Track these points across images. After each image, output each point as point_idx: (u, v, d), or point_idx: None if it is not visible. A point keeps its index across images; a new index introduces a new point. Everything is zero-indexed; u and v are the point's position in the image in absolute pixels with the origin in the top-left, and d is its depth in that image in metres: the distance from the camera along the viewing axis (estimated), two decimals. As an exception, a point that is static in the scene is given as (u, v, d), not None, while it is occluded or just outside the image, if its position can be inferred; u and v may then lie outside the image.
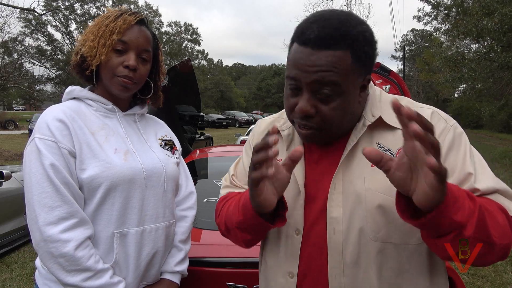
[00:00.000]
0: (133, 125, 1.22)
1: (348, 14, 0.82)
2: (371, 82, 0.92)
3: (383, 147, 0.85)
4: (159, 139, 1.28)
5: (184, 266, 1.26)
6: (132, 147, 1.15)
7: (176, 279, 1.24)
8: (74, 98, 1.17)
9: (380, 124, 0.87)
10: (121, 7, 1.34)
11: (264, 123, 1.10)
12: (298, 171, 0.91)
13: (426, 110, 0.88)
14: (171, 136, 1.35)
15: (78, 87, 1.18)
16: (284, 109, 1.05)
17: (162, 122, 1.40)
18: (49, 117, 1.06)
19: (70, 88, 1.18)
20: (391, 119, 0.86)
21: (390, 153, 0.84)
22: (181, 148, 1.37)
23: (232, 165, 1.14)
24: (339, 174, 0.86)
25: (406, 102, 0.93)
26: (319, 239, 0.86)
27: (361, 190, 0.83)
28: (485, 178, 0.81)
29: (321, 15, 0.81)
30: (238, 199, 0.93)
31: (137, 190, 1.11)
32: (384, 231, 0.81)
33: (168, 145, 1.29)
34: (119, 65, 1.11)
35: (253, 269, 1.36)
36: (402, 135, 0.78)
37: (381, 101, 0.90)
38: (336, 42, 0.77)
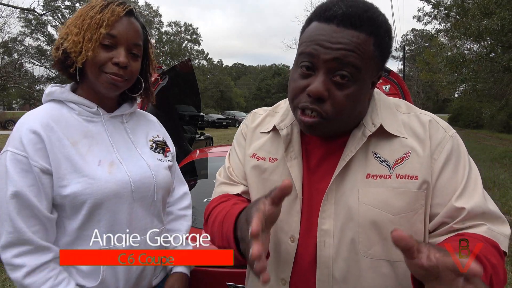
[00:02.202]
0: (120, 128, 1.12)
1: (372, 3, 0.79)
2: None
3: (380, 157, 0.80)
4: (150, 140, 1.19)
5: None
6: (118, 156, 1.06)
7: (187, 270, 1.25)
8: (54, 100, 1.06)
9: (379, 132, 0.82)
10: None
11: (258, 117, 1.02)
12: (296, 176, 0.86)
13: (424, 117, 0.84)
14: (164, 135, 1.26)
15: (59, 89, 1.06)
16: (277, 103, 1.03)
17: (154, 119, 1.29)
18: (24, 128, 0.96)
19: (49, 89, 1.06)
20: (392, 126, 0.82)
21: (386, 164, 0.79)
22: (174, 148, 1.28)
23: (226, 157, 1.08)
24: (333, 185, 0.81)
25: (405, 106, 0.88)
26: (312, 249, 0.83)
27: (354, 203, 0.78)
28: (475, 196, 0.77)
29: None
30: (222, 219, 0.84)
31: (124, 204, 1.03)
32: (377, 248, 0.77)
33: (160, 146, 1.20)
34: (108, 61, 1.01)
35: (252, 269, 1.37)
36: (400, 144, 0.79)
37: (381, 107, 0.85)
38: (362, 24, 0.73)
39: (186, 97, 3.75)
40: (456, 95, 28.38)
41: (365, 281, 0.78)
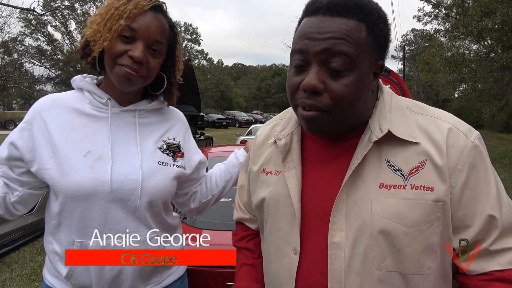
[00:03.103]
0: (130, 123, 1.08)
1: None
2: (381, 84, 0.85)
3: (393, 166, 0.75)
4: (163, 140, 1.12)
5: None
6: (110, 151, 1.02)
7: None
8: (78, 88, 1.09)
9: (389, 137, 0.76)
10: None
11: (260, 137, 1.00)
12: (293, 186, 0.83)
13: (443, 124, 0.77)
14: (182, 140, 1.18)
15: (79, 77, 1.08)
16: (285, 110, 0.99)
17: (181, 122, 1.23)
18: (33, 107, 1.07)
19: (74, 77, 1.09)
20: (402, 131, 0.76)
21: (400, 173, 0.74)
22: (200, 157, 1.23)
23: (236, 194, 1.10)
24: (343, 194, 0.77)
25: (419, 106, 0.83)
26: (320, 261, 0.79)
27: (367, 214, 0.74)
28: (504, 206, 0.75)
29: None
30: None
31: (99, 202, 0.99)
32: (390, 260, 0.74)
33: (171, 149, 1.12)
34: (124, 54, 0.98)
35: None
36: (415, 151, 0.74)
37: (391, 109, 0.80)
38: (350, 10, 0.71)
39: (186, 97, 3.76)
40: (456, 95, 28.37)
41: None
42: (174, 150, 1.13)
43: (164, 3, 1.06)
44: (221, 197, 1.31)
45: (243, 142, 8.07)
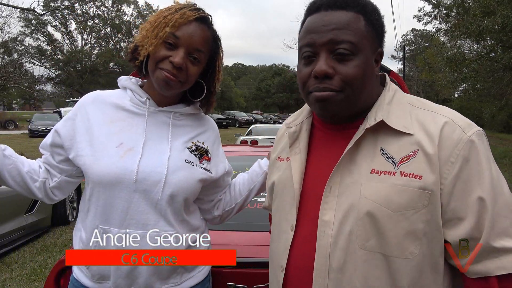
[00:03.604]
0: (164, 123, 1.14)
1: None
2: (388, 81, 0.91)
3: (387, 154, 0.80)
4: (192, 142, 1.17)
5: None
6: (142, 145, 1.08)
7: None
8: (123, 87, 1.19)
9: (385, 128, 0.82)
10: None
11: (281, 130, 1.09)
12: (296, 169, 0.91)
13: (440, 118, 0.81)
14: (211, 146, 1.22)
15: (125, 77, 1.19)
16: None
17: (212, 130, 1.27)
18: (82, 99, 1.19)
19: (120, 77, 1.20)
20: (397, 122, 0.81)
21: (392, 161, 0.79)
22: (226, 167, 1.26)
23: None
24: (337, 177, 0.83)
25: (422, 104, 0.87)
26: (311, 238, 0.85)
27: (356, 196, 0.80)
28: (500, 196, 0.75)
29: None
30: None
31: (123, 191, 1.05)
32: (374, 241, 0.78)
33: (199, 151, 1.17)
34: (165, 59, 1.05)
35: (253, 269, 1.36)
36: (409, 141, 0.78)
37: (391, 103, 0.85)
38: (348, 4, 0.81)
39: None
40: (456, 95, 28.39)
41: (360, 272, 0.79)
42: (201, 153, 1.18)
43: (210, 16, 1.14)
44: (244, 206, 1.33)
45: (243, 142, 8.05)
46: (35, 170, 1.13)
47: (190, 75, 1.08)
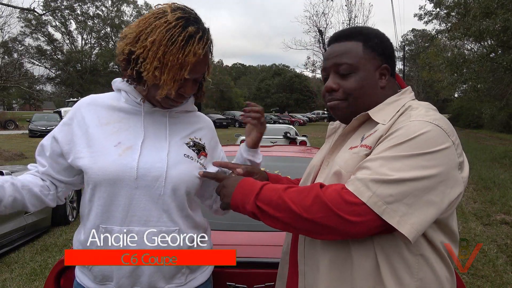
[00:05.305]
0: (161, 121, 1.17)
1: (366, 26, 1.03)
2: (403, 90, 1.08)
3: (363, 137, 0.99)
4: (189, 138, 1.20)
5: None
6: (140, 144, 1.10)
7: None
8: (117, 89, 1.19)
9: (372, 121, 1.01)
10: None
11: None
12: (321, 151, 1.18)
13: (410, 119, 0.94)
14: (208, 143, 1.24)
15: (119, 79, 1.19)
16: None
17: (208, 127, 1.29)
18: (77, 104, 1.19)
19: (115, 79, 1.20)
20: (380, 117, 0.99)
21: (361, 138, 0.99)
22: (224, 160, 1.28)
23: None
24: (330, 155, 1.08)
25: (416, 109, 0.97)
26: None
27: (334, 164, 1.02)
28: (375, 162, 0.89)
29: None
30: None
31: (124, 188, 1.06)
32: None
33: (197, 147, 1.20)
34: (176, 91, 1.07)
35: (253, 269, 1.37)
36: (378, 130, 0.96)
37: (389, 104, 1.02)
38: (349, 36, 1.05)
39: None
40: (456, 95, 28.39)
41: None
42: (199, 149, 1.21)
43: (208, 28, 1.11)
44: None
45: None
46: (43, 186, 1.15)
47: (191, 93, 1.14)
